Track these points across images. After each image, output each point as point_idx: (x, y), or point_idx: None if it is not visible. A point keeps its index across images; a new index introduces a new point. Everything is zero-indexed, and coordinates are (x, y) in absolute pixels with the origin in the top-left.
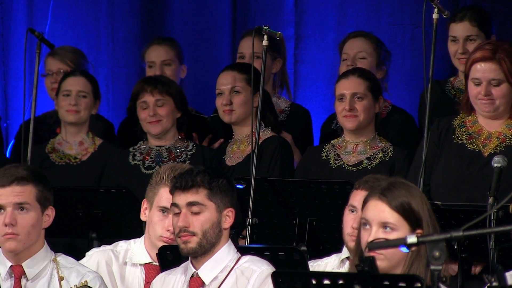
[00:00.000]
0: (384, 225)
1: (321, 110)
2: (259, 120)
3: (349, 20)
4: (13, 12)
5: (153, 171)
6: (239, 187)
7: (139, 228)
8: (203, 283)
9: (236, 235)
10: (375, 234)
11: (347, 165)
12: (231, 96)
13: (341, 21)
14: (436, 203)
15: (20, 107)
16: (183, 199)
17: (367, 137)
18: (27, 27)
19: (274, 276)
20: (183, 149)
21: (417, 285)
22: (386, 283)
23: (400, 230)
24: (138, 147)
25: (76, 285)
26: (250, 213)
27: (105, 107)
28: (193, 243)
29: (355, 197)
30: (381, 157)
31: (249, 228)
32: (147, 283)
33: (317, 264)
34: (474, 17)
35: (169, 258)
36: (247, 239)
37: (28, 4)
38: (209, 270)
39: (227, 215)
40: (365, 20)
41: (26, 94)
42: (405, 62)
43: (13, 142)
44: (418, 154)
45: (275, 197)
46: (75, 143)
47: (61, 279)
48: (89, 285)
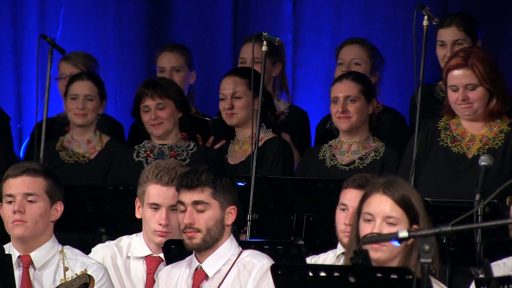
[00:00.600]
0: (387, 219)
1: (318, 111)
2: (259, 122)
3: (344, 26)
4: (26, 19)
5: None
6: (240, 184)
7: None
8: (206, 276)
9: (237, 230)
10: (379, 227)
11: (340, 164)
12: (233, 100)
13: (337, 27)
14: (426, 199)
15: (33, 109)
16: (189, 197)
17: (361, 137)
18: (39, 34)
19: (273, 268)
20: (184, 148)
21: (408, 277)
22: (378, 275)
23: (401, 224)
24: (142, 145)
25: (76, 274)
26: (250, 209)
27: (113, 108)
28: (198, 239)
29: (345, 196)
30: (372, 156)
31: (249, 223)
32: (149, 273)
33: (314, 259)
34: (461, 23)
35: (173, 251)
36: (248, 234)
37: (40, 11)
38: (212, 263)
39: (230, 212)
40: (360, 26)
41: (38, 96)
42: (397, 66)
43: (28, 139)
44: (406, 155)
45: (274, 194)
46: (83, 142)
47: (65, 269)
48: (92, 274)
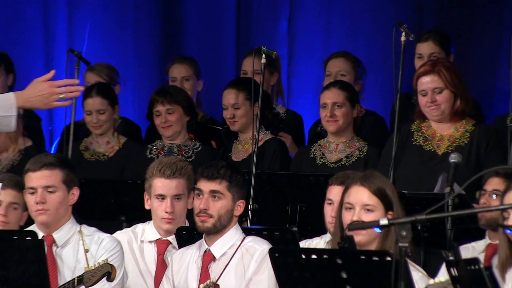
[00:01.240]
0: (365, 207)
1: (310, 116)
2: (258, 124)
3: (333, 41)
4: (56, 35)
5: None
6: None
7: None
8: (214, 258)
9: (240, 218)
10: (358, 214)
11: (329, 162)
12: (234, 110)
13: (326, 42)
14: (403, 192)
15: (62, 114)
16: (207, 186)
17: (347, 138)
18: (68, 48)
19: (270, 252)
20: (190, 147)
21: (388, 259)
22: (362, 257)
23: (377, 211)
24: (155, 144)
25: (99, 263)
26: (251, 200)
27: (132, 113)
28: (209, 223)
29: (331, 192)
30: (357, 155)
31: (250, 212)
32: (159, 254)
33: (308, 243)
34: (437, 38)
35: (184, 237)
36: (249, 221)
37: (68, 28)
38: (219, 247)
39: (239, 205)
40: (346, 41)
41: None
42: (379, 76)
43: (58, 139)
44: (384, 153)
45: (272, 187)
46: (103, 143)
47: (86, 251)
48: (106, 245)
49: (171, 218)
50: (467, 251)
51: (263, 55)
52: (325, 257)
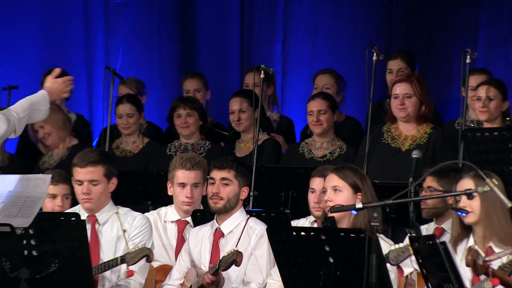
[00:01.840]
0: (334, 188)
1: (300, 120)
2: (258, 127)
3: (318, 60)
4: (96, 56)
5: None
6: None
7: None
8: (223, 234)
9: (243, 202)
10: (328, 194)
11: (316, 157)
12: (239, 114)
13: (312, 61)
14: (374, 181)
15: (100, 118)
16: (218, 174)
17: (329, 138)
18: (105, 65)
19: (267, 230)
20: (202, 145)
21: (362, 235)
22: (341, 234)
23: (344, 191)
24: (173, 143)
25: (139, 246)
26: (252, 188)
27: (155, 117)
28: (220, 204)
29: (313, 182)
30: (338, 152)
31: (252, 198)
32: (179, 232)
33: (296, 223)
34: (404, 57)
35: (199, 218)
36: (251, 205)
37: (105, 50)
38: (227, 226)
39: (244, 191)
40: (330, 60)
41: (104, 110)
42: (356, 88)
43: (97, 139)
44: (360, 150)
45: (269, 177)
46: (130, 142)
47: (124, 231)
48: (138, 228)
49: (190, 202)
50: (425, 231)
51: (262, 71)
52: (312, 234)
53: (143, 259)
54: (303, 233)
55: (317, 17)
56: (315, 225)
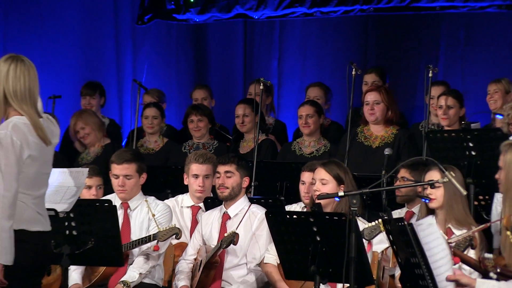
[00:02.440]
0: (321, 181)
1: (292, 123)
2: (258, 129)
3: (308, 74)
4: (125, 70)
5: None
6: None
7: None
8: (229, 217)
9: (246, 191)
10: (317, 185)
11: (305, 153)
12: (244, 118)
13: (303, 75)
14: (354, 174)
15: (128, 122)
16: (222, 168)
17: (316, 138)
18: (132, 78)
19: (266, 214)
20: (211, 144)
21: (343, 218)
22: (327, 217)
23: (330, 183)
24: (187, 142)
25: (169, 226)
26: (253, 179)
27: (173, 121)
28: (226, 193)
29: (303, 176)
30: (323, 149)
31: (253, 187)
32: (193, 216)
33: (289, 207)
34: (377, 71)
35: (209, 204)
36: (252, 193)
37: (133, 65)
38: (233, 210)
39: (245, 180)
40: (317, 74)
41: (131, 115)
42: (339, 97)
43: (125, 140)
44: (340, 148)
45: (267, 170)
46: (152, 141)
47: (153, 215)
48: (162, 212)
49: (202, 190)
50: (395, 215)
51: (261, 84)
52: (302, 217)
53: (173, 236)
54: (295, 216)
55: (306, 39)
56: (305, 210)
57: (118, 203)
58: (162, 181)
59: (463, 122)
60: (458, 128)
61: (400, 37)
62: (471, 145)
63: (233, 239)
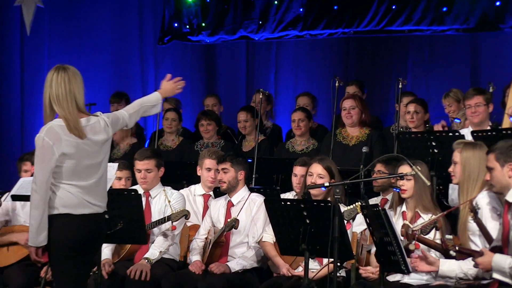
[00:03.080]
0: (318, 175)
1: (286, 127)
2: (258, 130)
3: (299, 85)
4: (149, 83)
5: None
6: (249, 161)
7: None
8: (233, 204)
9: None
10: (314, 179)
11: (297, 151)
12: (245, 123)
13: (295, 86)
14: (337, 167)
15: (151, 125)
16: (220, 166)
17: (306, 138)
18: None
19: (265, 201)
20: (218, 143)
21: (329, 204)
22: (315, 203)
23: (325, 178)
24: (199, 142)
25: (180, 209)
26: (254, 172)
27: (188, 124)
28: (224, 186)
29: (295, 169)
30: (312, 147)
31: (254, 179)
32: (204, 202)
33: (284, 195)
34: (357, 83)
35: (218, 192)
36: (253, 183)
37: (155, 79)
38: (236, 198)
39: (240, 173)
40: (307, 85)
41: (154, 119)
42: (324, 105)
43: (148, 141)
44: (322, 146)
45: (265, 165)
46: (170, 140)
47: (169, 202)
48: (176, 199)
49: (213, 181)
50: (372, 202)
51: (261, 94)
52: (295, 203)
53: (183, 217)
54: (288, 203)
55: (298, 57)
56: (296, 198)
57: (141, 192)
58: (178, 173)
59: (427, 125)
60: (423, 130)
61: (375, 55)
62: (433, 144)
63: (234, 224)
